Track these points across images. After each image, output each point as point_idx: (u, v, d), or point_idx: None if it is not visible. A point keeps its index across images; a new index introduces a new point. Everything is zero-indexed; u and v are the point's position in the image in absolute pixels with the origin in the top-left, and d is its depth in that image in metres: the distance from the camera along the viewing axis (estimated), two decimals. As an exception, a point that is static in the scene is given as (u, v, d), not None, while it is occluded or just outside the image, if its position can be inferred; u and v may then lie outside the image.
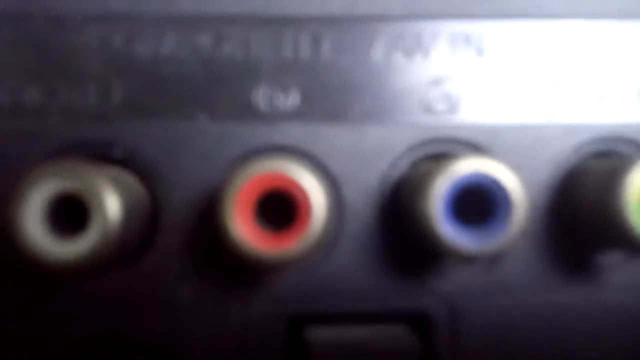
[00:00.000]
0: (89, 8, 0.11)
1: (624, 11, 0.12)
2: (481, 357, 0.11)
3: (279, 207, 0.10)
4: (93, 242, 0.10)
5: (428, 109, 0.11)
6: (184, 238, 0.11)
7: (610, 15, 0.12)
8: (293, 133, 0.11)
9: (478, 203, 0.10)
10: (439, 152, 0.11)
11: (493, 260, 0.11)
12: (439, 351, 0.11)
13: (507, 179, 0.10)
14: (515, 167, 0.10)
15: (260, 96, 0.12)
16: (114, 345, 0.11)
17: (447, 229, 0.10)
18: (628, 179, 0.10)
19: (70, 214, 0.10)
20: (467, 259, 0.10)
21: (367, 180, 0.11)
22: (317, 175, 0.10)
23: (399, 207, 0.11)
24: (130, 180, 0.10)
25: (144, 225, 0.11)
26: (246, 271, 0.11)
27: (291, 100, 0.12)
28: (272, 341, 0.11)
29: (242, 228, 0.10)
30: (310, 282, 0.11)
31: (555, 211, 0.12)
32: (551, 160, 0.11)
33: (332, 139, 0.11)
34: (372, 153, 0.11)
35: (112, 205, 0.10)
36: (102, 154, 0.11)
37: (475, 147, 0.11)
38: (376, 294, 0.11)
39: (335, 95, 0.11)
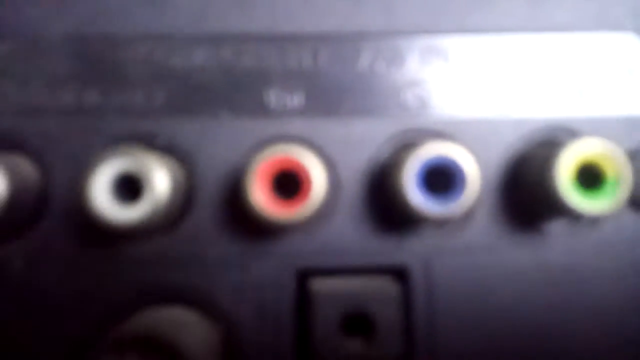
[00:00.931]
0: (137, 30, 0.14)
1: (564, 24, 0.14)
2: (450, 302, 0.14)
3: (288, 182, 0.13)
4: (145, 210, 0.12)
5: (404, 106, 0.14)
6: (214, 208, 0.13)
7: (552, 28, 0.14)
8: (298, 126, 0.14)
9: (441, 178, 0.13)
10: (412, 139, 0.13)
11: (454, 223, 0.14)
12: (416, 297, 0.14)
13: (463, 159, 0.12)
14: (474, 151, 0.13)
15: (272, 97, 0.14)
16: (157, 297, 0.14)
17: (417, 198, 0.12)
18: (561, 158, 0.13)
19: (128, 187, 0.12)
20: (433, 221, 0.13)
21: (357, 162, 0.14)
22: (317, 158, 0.13)
23: (382, 182, 0.13)
24: (171, 163, 0.13)
25: (183, 198, 0.13)
26: (264, 233, 0.13)
27: (296, 100, 0.14)
28: (283, 290, 0.14)
29: (261, 198, 0.12)
30: (314, 242, 0.14)
31: (508, 187, 0.14)
32: (503, 146, 0.14)
33: (328, 130, 0.14)
34: (361, 141, 0.14)
35: (159, 181, 0.12)
36: (148, 144, 0.14)
37: (441, 136, 0.13)
38: (366, 252, 0.14)
39: (331, 96, 0.14)
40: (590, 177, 0.13)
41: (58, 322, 0.13)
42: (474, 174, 0.12)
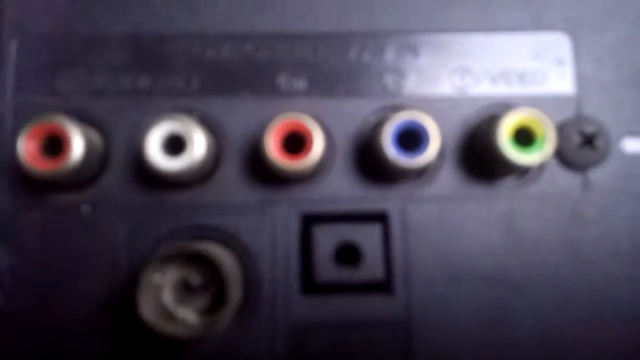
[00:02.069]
0: (178, 30, 0.17)
1: (509, 26, 0.18)
2: (420, 239, 0.17)
3: (295, 143, 0.16)
4: (186, 162, 0.16)
5: (384, 88, 0.17)
6: (238, 165, 0.17)
7: (499, 29, 0.18)
8: (302, 103, 0.17)
9: (411, 138, 0.16)
10: (389, 112, 0.17)
11: (423, 177, 0.17)
12: (394, 235, 0.17)
13: (426, 123, 0.16)
14: (438, 122, 0.16)
15: (282, 81, 0.18)
16: (192, 234, 0.17)
17: (392, 153, 0.16)
18: (502, 122, 0.16)
19: (174, 145, 0.16)
20: (405, 171, 0.16)
21: (348, 129, 0.17)
22: (317, 124, 0.16)
23: (367, 145, 0.17)
24: (205, 128, 0.17)
25: (214, 157, 0.17)
26: (276, 185, 0.17)
27: (301, 84, 0.18)
28: (291, 230, 0.17)
29: (274, 152, 0.15)
30: (314, 192, 0.17)
31: (466, 149, 0.17)
32: (461, 117, 0.17)
33: (326, 106, 0.17)
34: (351, 114, 0.17)
35: (197, 141, 0.16)
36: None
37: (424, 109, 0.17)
38: (355, 200, 0.17)
39: (328, 81, 0.17)
40: (524, 137, 0.16)
41: (115, 251, 0.16)
42: (435, 133, 0.15)
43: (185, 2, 0.17)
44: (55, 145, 0.15)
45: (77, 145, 0.15)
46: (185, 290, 0.15)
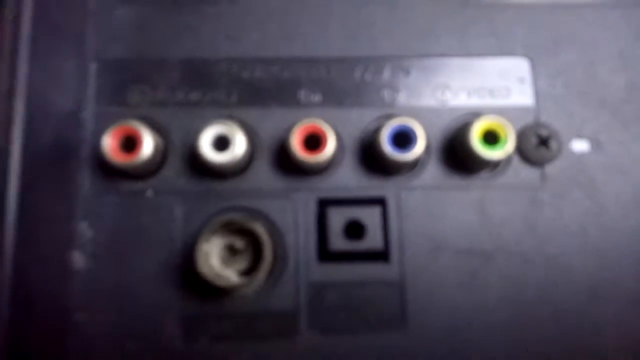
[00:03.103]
0: (221, 54, 0.22)
1: (480, 51, 0.22)
2: (412, 219, 0.21)
3: (313, 142, 0.20)
4: (231, 157, 0.20)
5: (382, 100, 0.22)
6: (268, 159, 0.21)
7: (472, 54, 0.22)
8: (318, 113, 0.21)
9: (403, 138, 0.20)
10: (386, 119, 0.21)
11: (414, 169, 0.21)
12: (390, 216, 0.21)
13: (414, 126, 0.20)
14: (425, 126, 0.21)
15: (302, 95, 0.22)
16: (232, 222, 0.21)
17: (388, 149, 0.20)
18: (474, 126, 0.20)
19: (221, 142, 0.20)
20: (399, 165, 0.20)
21: (355, 131, 0.21)
22: (330, 128, 0.20)
23: (369, 144, 0.21)
24: (243, 131, 0.21)
25: (250, 152, 0.21)
26: (299, 175, 0.21)
27: (317, 97, 0.22)
28: (309, 211, 0.21)
29: (298, 148, 0.20)
30: (328, 182, 0.21)
31: (448, 147, 0.21)
32: (444, 123, 0.21)
33: (337, 115, 0.21)
34: (356, 120, 0.21)
35: (239, 141, 0.20)
36: (228, 122, 0.21)
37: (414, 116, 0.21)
38: (359, 188, 0.21)
39: (338, 95, 0.22)
40: (490, 138, 0.20)
41: (173, 226, 0.20)
42: (422, 135, 0.20)
43: (226, 34, 0.22)
44: (129, 143, 0.20)
45: (147, 144, 0.19)
46: (229, 255, 0.20)
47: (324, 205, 0.21)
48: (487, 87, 0.22)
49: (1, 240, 0.16)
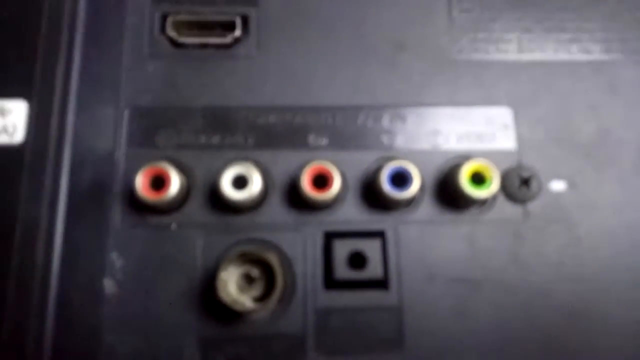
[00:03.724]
0: (240, 103, 0.24)
1: (468, 101, 0.25)
2: (408, 250, 0.23)
3: (321, 181, 0.23)
4: (248, 194, 0.22)
5: (382, 144, 0.24)
6: (281, 196, 0.23)
7: (460, 103, 0.25)
8: (324, 155, 0.24)
9: (400, 178, 0.23)
10: (385, 161, 0.23)
11: (410, 206, 0.23)
12: (389, 248, 0.23)
13: (410, 168, 0.22)
14: (420, 167, 0.23)
15: (311, 139, 0.24)
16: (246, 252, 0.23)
17: (388, 188, 0.22)
18: (463, 168, 0.23)
19: (240, 182, 0.22)
20: (397, 202, 0.22)
21: (358, 172, 0.23)
22: (336, 169, 0.23)
23: (370, 182, 0.23)
24: (259, 171, 0.23)
25: (265, 190, 0.23)
26: (308, 210, 0.23)
27: (324, 141, 0.24)
28: (317, 242, 0.23)
29: (307, 187, 0.22)
30: (333, 217, 0.23)
31: (440, 186, 0.23)
32: (436, 164, 0.24)
33: (342, 157, 0.23)
34: (359, 162, 0.23)
35: (256, 180, 0.22)
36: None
37: (400, 158, 0.24)
38: (362, 222, 0.23)
39: (343, 139, 0.24)
40: (478, 179, 0.23)
41: (194, 256, 0.22)
42: (417, 175, 0.22)
43: (244, 85, 0.24)
44: (158, 182, 0.22)
45: (174, 183, 0.22)
46: (245, 282, 0.22)
47: (329, 237, 0.23)
48: (475, 133, 0.24)
49: (49, 268, 0.18)
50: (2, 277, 0.18)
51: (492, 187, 0.22)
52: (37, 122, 0.19)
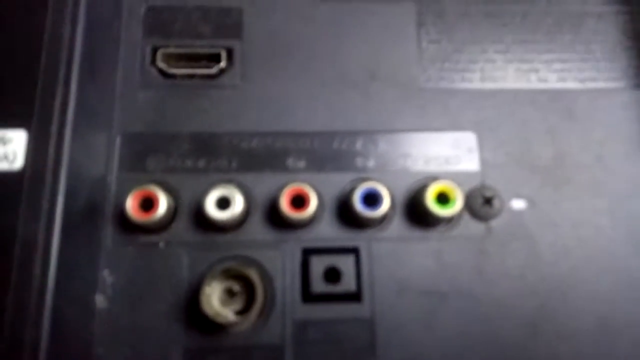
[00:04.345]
0: (224, 130, 0.26)
1: (436, 127, 0.27)
2: (380, 265, 0.25)
3: (298, 201, 0.24)
4: (230, 214, 0.24)
5: (356, 166, 0.26)
6: (261, 216, 0.25)
7: (430, 129, 0.27)
8: (303, 177, 0.26)
9: (372, 198, 0.24)
10: (359, 182, 0.25)
11: (382, 224, 0.25)
12: (362, 262, 0.24)
13: (380, 189, 0.24)
14: (390, 187, 0.25)
15: (290, 162, 0.26)
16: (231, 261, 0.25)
17: (360, 207, 0.24)
18: (429, 188, 0.24)
19: (223, 203, 0.24)
20: (368, 220, 0.24)
21: (334, 192, 0.24)
22: (313, 190, 0.24)
23: (345, 202, 0.25)
24: (241, 192, 0.25)
25: (246, 211, 0.25)
26: (286, 229, 0.25)
27: (302, 164, 0.26)
28: (295, 259, 0.24)
29: (286, 207, 0.24)
30: (311, 234, 0.25)
31: (409, 205, 0.25)
32: (406, 185, 0.26)
33: (318, 178, 0.25)
34: (335, 183, 0.25)
35: (238, 201, 0.24)
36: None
37: (372, 180, 0.25)
38: (337, 240, 0.24)
39: (319, 162, 0.26)
40: (443, 199, 0.24)
41: (180, 272, 0.24)
42: (387, 196, 0.24)
43: (229, 112, 0.26)
44: (147, 203, 0.23)
45: (162, 204, 0.23)
46: (227, 297, 0.23)
47: (307, 254, 0.24)
48: (442, 156, 0.26)
49: (45, 283, 0.20)
50: (2, 292, 0.19)
51: (456, 206, 0.24)
52: (35, 150, 0.21)
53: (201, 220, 0.24)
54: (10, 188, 0.20)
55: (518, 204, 0.26)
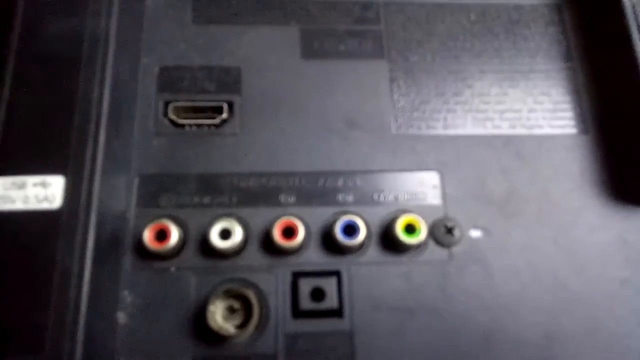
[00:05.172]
0: (225, 170, 0.30)
1: (404, 166, 0.31)
2: (359, 284, 0.29)
3: (288, 232, 0.28)
4: (232, 244, 0.28)
5: (338, 202, 0.30)
6: (256, 244, 0.29)
7: (399, 169, 0.31)
8: (293, 210, 0.30)
9: (351, 228, 0.29)
10: (339, 215, 0.30)
11: (359, 251, 0.29)
12: (344, 283, 0.29)
13: (358, 221, 0.28)
14: (365, 219, 0.29)
15: (282, 198, 0.30)
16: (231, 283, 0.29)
17: (341, 237, 0.28)
18: (398, 220, 0.29)
19: (225, 234, 0.28)
20: (348, 248, 0.28)
21: (319, 224, 0.29)
22: (301, 222, 0.29)
23: (328, 232, 0.29)
24: (240, 225, 0.29)
25: (244, 239, 0.29)
26: (278, 255, 0.29)
27: (292, 199, 0.30)
28: (286, 281, 0.28)
29: (278, 236, 0.28)
30: (299, 260, 0.29)
31: (383, 234, 0.30)
32: (379, 216, 0.30)
33: (306, 212, 0.30)
34: (320, 216, 0.29)
35: (237, 232, 0.28)
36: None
37: (352, 213, 0.30)
38: (321, 264, 0.29)
39: (307, 197, 0.30)
40: (410, 229, 0.29)
41: (189, 293, 0.28)
42: (363, 227, 0.28)
43: (230, 156, 0.30)
44: (161, 235, 0.28)
45: (174, 235, 0.28)
46: (229, 313, 0.27)
47: (296, 276, 0.28)
48: (410, 192, 0.30)
49: (79, 303, 0.24)
50: (43, 312, 0.23)
51: (422, 235, 0.28)
52: (71, 192, 0.25)
53: (206, 248, 0.28)
54: (50, 224, 0.25)
55: (475, 233, 0.30)
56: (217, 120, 0.31)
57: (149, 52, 0.32)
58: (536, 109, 0.33)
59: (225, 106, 0.31)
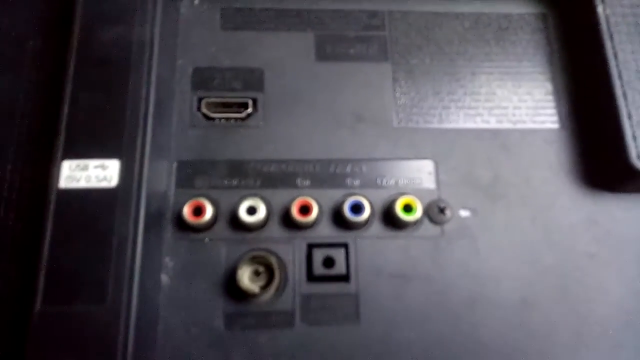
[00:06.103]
0: (250, 157, 0.35)
1: (402, 155, 0.36)
2: (363, 254, 0.34)
3: (306, 209, 0.33)
4: (257, 219, 0.33)
5: (346, 184, 0.35)
6: (277, 220, 0.34)
7: (397, 158, 0.36)
8: (308, 192, 0.34)
9: (357, 207, 0.33)
10: (348, 196, 0.34)
11: (363, 227, 0.34)
12: (350, 252, 0.34)
13: (363, 200, 0.33)
14: (370, 200, 0.34)
15: (298, 181, 0.34)
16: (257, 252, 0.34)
17: (349, 214, 0.33)
18: (398, 200, 0.34)
19: (252, 211, 0.33)
20: (355, 224, 0.33)
21: (330, 203, 0.33)
22: (315, 201, 0.33)
23: (338, 210, 0.34)
24: (264, 202, 0.34)
25: (267, 214, 0.34)
26: (296, 229, 0.34)
27: (307, 182, 0.35)
28: (302, 251, 0.33)
29: (296, 213, 0.33)
30: (313, 234, 0.34)
31: (385, 213, 0.34)
32: (382, 199, 0.35)
33: (320, 193, 0.34)
34: (331, 197, 0.34)
35: (262, 208, 0.33)
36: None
37: (357, 194, 0.34)
38: (332, 237, 0.33)
39: (320, 181, 0.35)
40: (407, 208, 0.33)
41: (220, 259, 0.33)
42: (367, 206, 0.33)
43: (254, 145, 0.35)
44: (197, 211, 0.33)
45: (208, 212, 0.33)
46: (254, 276, 0.32)
47: (310, 247, 0.32)
48: (408, 177, 0.35)
49: (133, 266, 0.29)
50: (105, 272, 0.28)
51: (417, 214, 0.33)
52: (125, 173, 0.30)
53: (235, 223, 0.33)
54: (109, 200, 0.30)
55: (464, 213, 0.34)
56: (243, 115, 0.35)
57: (184, 55, 0.37)
58: (520, 106, 0.37)
59: (250, 102, 0.36)
